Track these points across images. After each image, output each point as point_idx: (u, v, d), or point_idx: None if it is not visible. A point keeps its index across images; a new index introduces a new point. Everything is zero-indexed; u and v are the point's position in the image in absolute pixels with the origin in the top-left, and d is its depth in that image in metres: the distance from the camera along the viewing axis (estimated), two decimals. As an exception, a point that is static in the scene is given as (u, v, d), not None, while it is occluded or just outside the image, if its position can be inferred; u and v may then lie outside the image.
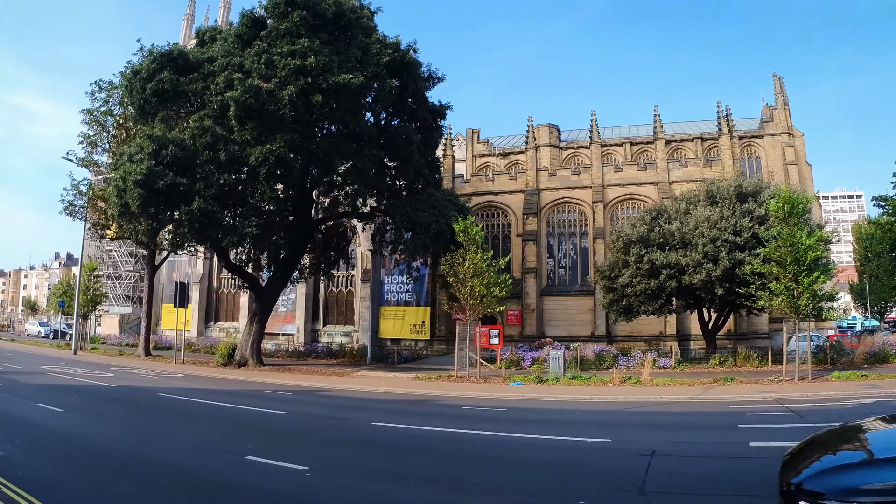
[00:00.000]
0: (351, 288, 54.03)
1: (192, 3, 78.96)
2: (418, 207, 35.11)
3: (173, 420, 16.99)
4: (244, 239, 31.89)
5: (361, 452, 13.16)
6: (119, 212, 31.25)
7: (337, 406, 21.69)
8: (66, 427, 14.62)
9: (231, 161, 31.39)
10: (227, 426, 16.18)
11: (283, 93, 30.09)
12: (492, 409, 21.21)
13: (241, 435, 14.86)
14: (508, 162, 62.84)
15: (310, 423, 17.69)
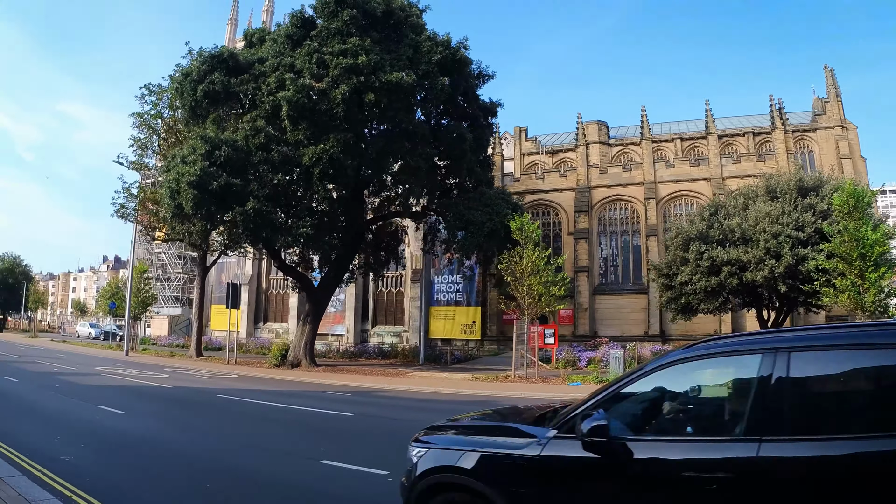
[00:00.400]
0: (400, 288, 53.73)
1: (235, 8, 79.53)
2: (471, 206, 34.67)
3: (238, 422, 16.61)
4: (298, 239, 31.64)
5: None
6: (172, 213, 31.29)
7: (400, 407, 21.28)
8: (130, 430, 14.28)
9: (284, 161, 31.19)
10: (293, 428, 15.80)
11: (335, 92, 29.87)
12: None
13: (311, 437, 14.53)
14: (557, 160, 62.11)
15: (376, 424, 17.24)
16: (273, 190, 31.10)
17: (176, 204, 29.97)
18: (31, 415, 16.00)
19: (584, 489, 5.13)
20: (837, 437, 4.27)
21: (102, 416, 16.13)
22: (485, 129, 38.25)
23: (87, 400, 19.61)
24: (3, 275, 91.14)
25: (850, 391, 4.69)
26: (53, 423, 14.94)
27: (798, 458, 4.27)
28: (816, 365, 4.72)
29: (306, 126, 30.63)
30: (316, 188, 31.68)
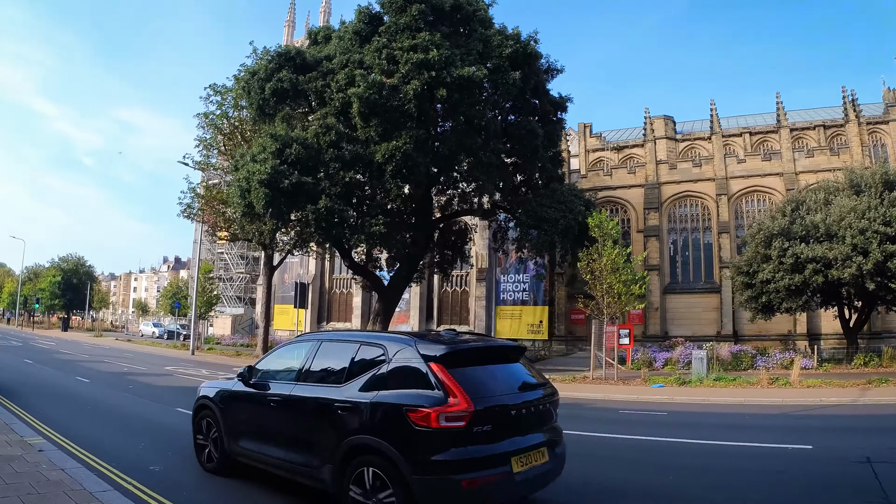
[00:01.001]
0: (465, 287, 52.99)
1: (291, 10, 79.94)
2: (544, 203, 33.79)
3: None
4: (372, 238, 30.97)
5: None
6: (242, 212, 30.90)
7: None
8: None
9: (355, 159, 30.57)
10: None
11: (406, 88, 29.19)
12: (649, 412, 19.93)
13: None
14: (623, 156, 60.82)
15: None
16: (344, 188, 30.45)
17: (246, 203, 29.56)
18: (109, 419, 15.50)
19: (244, 402, 9.95)
20: (319, 384, 8.68)
21: (183, 421, 15.38)
22: (554, 124, 37.26)
23: (163, 402, 19.25)
24: (68, 275, 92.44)
25: (335, 362, 8.75)
26: (134, 428, 14.45)
27: (304, 395, 8.72)
28: (329, 349, 9.18)
29: (377, 123, 29.98)
30: (388, 186, 31.00)
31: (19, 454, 9.95)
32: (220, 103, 43.12)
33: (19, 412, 14.91)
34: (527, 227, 33.96)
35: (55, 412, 15.66)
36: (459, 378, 7.26)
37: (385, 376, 7.74)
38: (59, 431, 12.87)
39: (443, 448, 6.93)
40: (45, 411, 15.59)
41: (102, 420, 15.20)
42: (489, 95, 32.90)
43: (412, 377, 7.48)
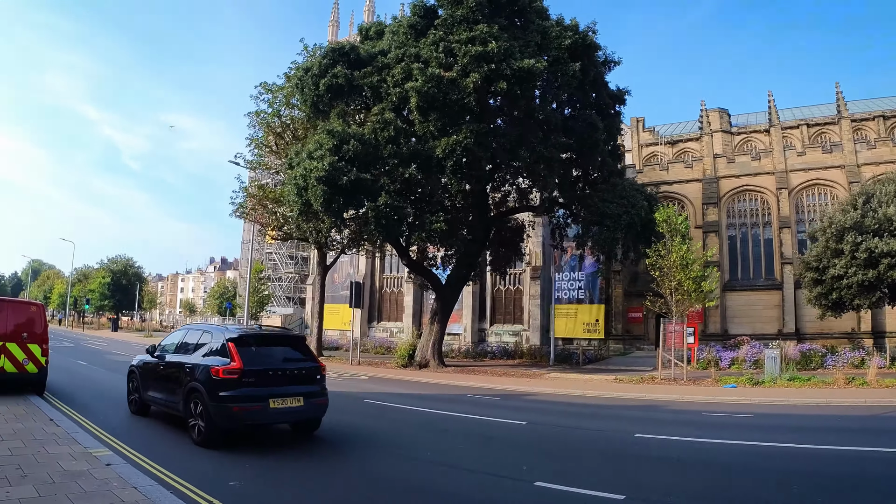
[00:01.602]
0: (519, 286, 51.98)
1: (335, 10, 79.75)
2: (606, 198, 32.75)
3: (406, 433, 15.25)
4: (433, 235, 30.24)
5: (660, 471, 11.17)
6: (299, 210, 30.30)
7: (567, 414, 19.63)
8: (288, 443, 12.94)
9: (413, 155, 29.88)
10: (473, 440, 14.35)
11: (466, 81, 28.42)
12: (733, 414, 18.91)
13: (502, 452, 12.98)
14: (677, 150, 59.55)
15: (561, 435, 15.52)
16: (403, 184, 29.80)
17: (303, 201, 28.98)
18: (170, 424, 14.57)
19: (149, 367, 15.10)
20: (182, 354, 14.04)
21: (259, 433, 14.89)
22: (613, 117, 36.23)
23: None
24: (117, 276, 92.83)
25: (191, 342, 14.11)
26: None
27: (175, 361, 14.10)
28: (190, 334, 14.45)
29: (437, 117, 29.21)
30: (448, 182, 30.22)
31: (86, 469, 9.32)
32: (270, 101, 42.59)
33: (79, 418, 14.41)
34: (589, 224, 33.03)
35: (116, 419, 15.13)
36: (242, 352, 12.49)
37: (209, 350, 13.22)
38: (123, 441, 12.20)
39: (225, 389, 12.06)
40: (106, 417, 15.07)
41: (163, 425, 14.50)
42: (548, 88, 32.02)
43: (219, 350, 12.87)
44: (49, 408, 15.10)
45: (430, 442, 13.85)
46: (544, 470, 10.95)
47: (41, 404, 15.53)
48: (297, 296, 73.68)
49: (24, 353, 16.95)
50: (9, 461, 9.49)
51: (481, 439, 14.43)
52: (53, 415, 13.95)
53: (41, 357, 17.37)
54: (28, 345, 17.06)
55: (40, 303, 20.24)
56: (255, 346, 13.07)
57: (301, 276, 74.63)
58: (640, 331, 49.46)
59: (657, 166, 53.06)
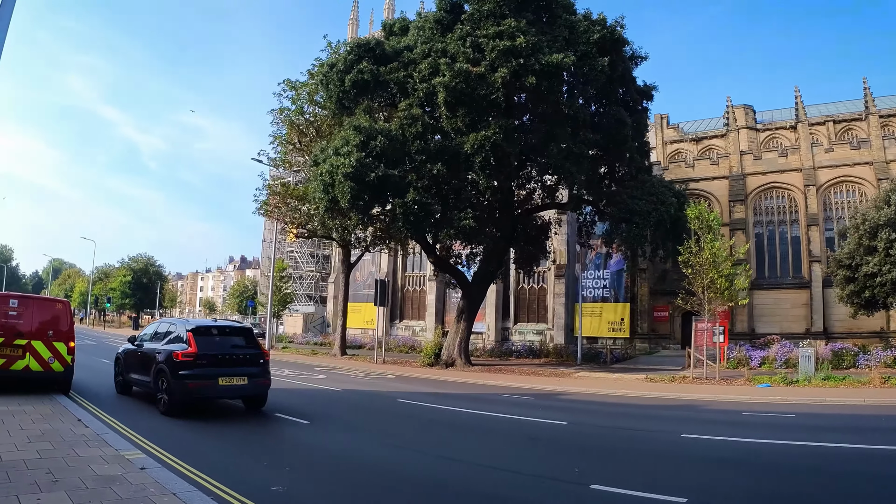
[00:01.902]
0: (543, 284, 51.53)
1: (355, 9, 79.42)
2: (634, 195, 32.22)
3: (446, 434, 14.79)
4: (461, 232, 29.75)
5: (717, 472, 10.75)
6: (326, 207, 29.93)
7: (607, 414, 19.20)
8: (331, 447, 12.45)
9: (440, 151, 29.54)
10: (517, 442, 13.85)
11: (494, 76, 28.04)
12: (773, 414, 18.35)
13: (550, 454, 12.51)
14: (701, 147, 59.05)
15: (605, 435, 15.08)
16: (431, 181, 29.40)
17: (330, 197, 28.72)
18: (206, 426, 14.40)
19: (131, 354, 18.20)
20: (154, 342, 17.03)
21: (290, 429, 14.43)
22: (640, 113, 35.72)
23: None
24: (138, 275, 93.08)
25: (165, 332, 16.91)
26: (239, 437, 13.43)
27: (149, 347, 16.85)
28: (162, 327, 17.73)
29: (464, 112, 28.85)
30: (476, 178, 29.82)
31: (119, 473, 8.88)
32: (294, 98, 42.33)
33: (107, 419, 14.02)
34: (618, 221, 32.49)
35: (145, 419, 14.73)
36: (198, 340, 15.28)
37: (173, 338, 16.04)
38: (154, 442, 11.72)
39: (183, 369, 14.81)
40: (134, 417, 14.70)
41: (199, 428, 14.07)
42: (576, 83, 31.61)
43: (181, 339, 15.65)
44: (76, 407, 14.80)
45: (475, 445, 13.40)
46: (598, 472, 10.55)
47: (68, 404, 15.21)
48: (318, 294, 73.41)
49: (49, 351, 16.60)
50: (38, 465, 9.09)
51: (525, 440, 13.98)
52: (81, 415, 13.58)
53: (67, 356, 17.00)
54: (54, 343, 16.71)
55: (66, 300, 19.78)
56: (209, 336, 16.12)
57: (322, 275, 74.37)
58: (665, 330, 48.99)
59: (682, 163, 52.60)
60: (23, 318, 16.58)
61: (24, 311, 16.78)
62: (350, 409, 18.88)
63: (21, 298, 17.73)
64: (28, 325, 16.49)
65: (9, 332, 16.18)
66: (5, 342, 16.03)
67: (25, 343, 16.22)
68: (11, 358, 16.06)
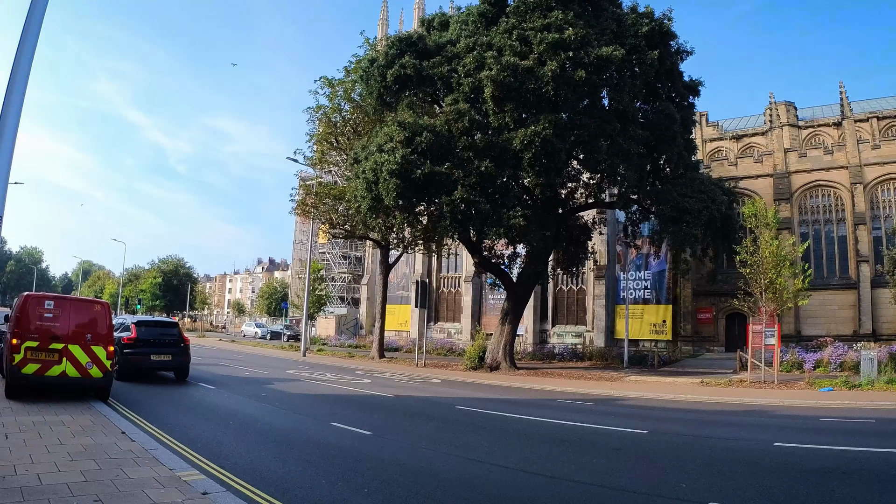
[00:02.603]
0: (582, 285, 50.58)
1: (384, 9, 79.10)
2: (684, 193, 31.11)
3: (522, 445, 13.62)
4: (511, 230, 28.73)
5: (844, 488, 9.68)
6: (369, 206, 28.94)
7: (681, 420, 18.23)
8: (407, 463, 11.21)
9: (487, 147, 28.68)
10: (601, 453, 12.73)
11: (543, 69, 27.16)
12: (852, 420, 17.62)
13: (644, 467, 11.45)
14: (742, 145, 57.81)
15: (693, 445, 14.00)
16: (478, 178, 28.43)
17: (373, 195, 27.89)
18: (263, 438, 13.27)
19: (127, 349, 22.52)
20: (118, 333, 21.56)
21: (352, 441, 13.22)
22: (686, 109, 34.61)
23: (309, 414, 17.27)
24: (168, 276, 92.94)
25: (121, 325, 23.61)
26: (300, 452, 12.14)
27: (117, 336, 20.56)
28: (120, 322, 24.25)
29: (512, 107, 27.97)
30: (526, 175, 28.82)
31: (180, 501, 7.73)
32: (331, 95, 41.62)
33: (154, 431, 12.98)
34: (668, 220, 31.36)
35: (194, 429, 13.78)
36: (138, 329, 22.93)
37: (124, 328, 23.10)
38: (209, 458, 10.69)
39: (128, 348, 22.03)
40: (183, 428, 13.72)
41: (256, 440, 13.02)
42: (624, 77, 30.56)
43: (128, 328, 23.00)
44: (118, 417, 13.81)
45: (561, 458, 12.32)
46: (709, 489, 9.58)
47: (108, 413, 14.25)
48: (349, 296, 72.79)
49: (87, 356, 15.73)
50: (84, 489, 7.96)
51: (609, 451, 12.98)
52: (125, 426, 12.60)
53: (106, 361, 16.10)
54: (92, 347, 15.83)
55: (105, 301, 18.50)
56: (146, 327, 23.71)
57: (354, 276, 73.77)
58: (709, 332, 47.95)
59: (725, 161, 51.60)
60: (59, 320, 15.76)
61: (61, 312, 15.95)
62: (409, 418, 17.81)
63: (57, 299, 16.93)
64: (64, 328, 15.71)
65: (44, 335, 15.34)
66: (40, 346, 15.20)
67: (62, 347, 15.40)
68: (47, 363, 15.22)
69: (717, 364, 36.91)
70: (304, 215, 45.06)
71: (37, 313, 15.64)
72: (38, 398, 15.19)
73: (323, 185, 43.41)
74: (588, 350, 42.68)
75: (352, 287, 73.32)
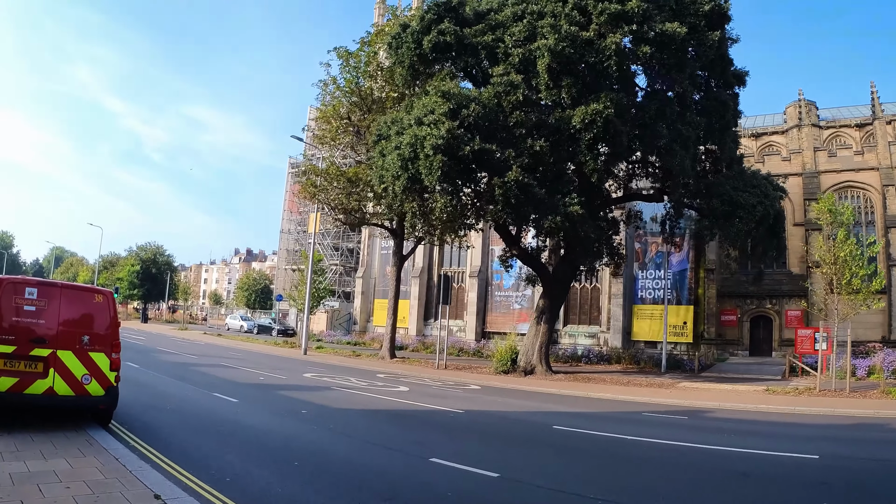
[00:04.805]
0: (596, 284, 47.95)
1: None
2: (737, 186, 28.63)
3: (714, 486, 10.64)
4: (569, 219, 25.59)
5: None
6: (404, 186, 25.50)
7: (829, 440, 15.64)
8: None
9: (539, 125, 26.00)
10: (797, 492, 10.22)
11: (605, 42, 24.48)
12: None
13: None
14: (761, 144, 55.60)
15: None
16: (532, 159, 25.63)
17: (409, 175, 24.69)
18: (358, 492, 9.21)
19: None
20: None
21: (481, 489, 9.72)
22: (734, 98, 32.19)
23: (388, 444, 13.11)
24: (146, 264, 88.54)
25: None
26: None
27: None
28: None
29: (570, 82, 25.10)
30: (583, 158, 25.95)
31: None
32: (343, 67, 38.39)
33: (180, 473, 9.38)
34: (719, 215, 28.74)
35: (252, 477, 9.83)
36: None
37: None
38: None
39: None
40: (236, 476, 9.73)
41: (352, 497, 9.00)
42: (684, 58, 27.95)
43: None
44: (127, 454, 9.85)
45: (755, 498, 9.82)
46: None
47: (120, 452, 9.92)
48: (341, 289, 69.76)
49: (84, 366, 11.40)
50: None
51: (805, 488, 10.35)
52: (139, 469, 8.92)
53: (109, 372, 11.73)
54: (90, 353, 11.51)
55: (108, 290, 13.26)
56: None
57: (346, 269, 70.84)
58: (733, 335, 45.77)
59: (752, 157, 49.26)
60: (44, 315, 11.33)
61: (47, 305, 11.42)
62: (513, 445, 14.24)
63: (43, 287, 11.90)
64: (52, 327, 11.32)
65: (21, 335, 11.01)
66: (17, 351, 10.87)
67: (48, 354, 11.05)
68: (27, 377, 10.87)
69: (754, 369, 35.12)
70: (311, 199, 41.70)
71: (13, 305, 11.11)
72: (13, 426, 10.90)
73: (335, 166, 40.12)
74: (610, 352, 40.32)
75: (343, 280, 70.34)
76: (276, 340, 53.88)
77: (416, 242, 41.27)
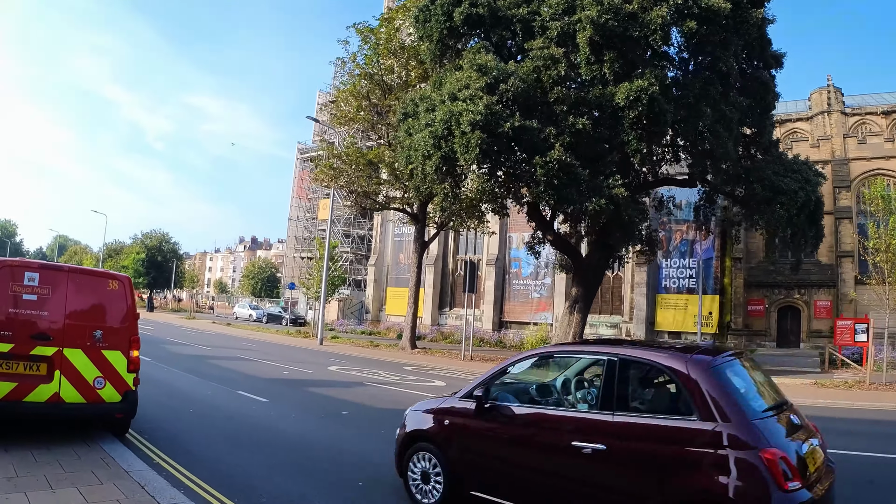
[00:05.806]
0: (618, 272, 46.87)
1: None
2: (778, 171, 27.43)
3: None
4: (613, 202, 24.11)
5: None
6: (436, 166, 23.92)
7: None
8: None
9: (579, 102, 24.73)
10: None
11: (650, 15, 23.18)
12: None
13: None
14: (785, 130, 54.23)
15: None
16: (574, 137, 24.27)
17: (442, 154, 23.30)
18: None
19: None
20: None
21: None
22: (772, 81, 30.94)
23: None
24: (152, 252, 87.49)
25: None
26: None
27: None
28: None
29: (613, 57, 23.79)
30: (626, 138, 24.63)
31: None
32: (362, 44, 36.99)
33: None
34: (760, 201, 27.52)
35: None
36: None
37: None
38: None
39: None
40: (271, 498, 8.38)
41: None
42: (729, 35, 26.61)
43: None
44: (154, 477, 8.23)
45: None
46: None
47: (135, 466, 8.64)
48: (352, 277, 68.60)
49: (96, 366, 9.68)
50: None
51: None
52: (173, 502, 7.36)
53: (127, 374, 10.01)
54: (104, 352, 9.77)
55: (125, 275, 11.02)
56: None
57: (357, 257, 69.66)
58: (760, 325, 44.55)
59: (780, 144, 48.22)
60: (48, 306, 9.50)
61: (52, 293, 9.56)
62: None
63: (46, 271, 9.90)
64: (57, 320, 9.52)
65: (20, 331, 9.21)
66: (15, 350, 9.11)
67: (53, 353, 9.33)
68: (27, 381, 9.15)
69: (786, 361, 34.10)
70: (329, 182, 40.28)
71: (10, 294, 9.25)
72: (11, 442, 9.15)
73: (355, 147, 38.81)
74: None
75: (354, 268, 69.15)
76: (287, 330, 52.67)
77: (438, 228, 39.93)
